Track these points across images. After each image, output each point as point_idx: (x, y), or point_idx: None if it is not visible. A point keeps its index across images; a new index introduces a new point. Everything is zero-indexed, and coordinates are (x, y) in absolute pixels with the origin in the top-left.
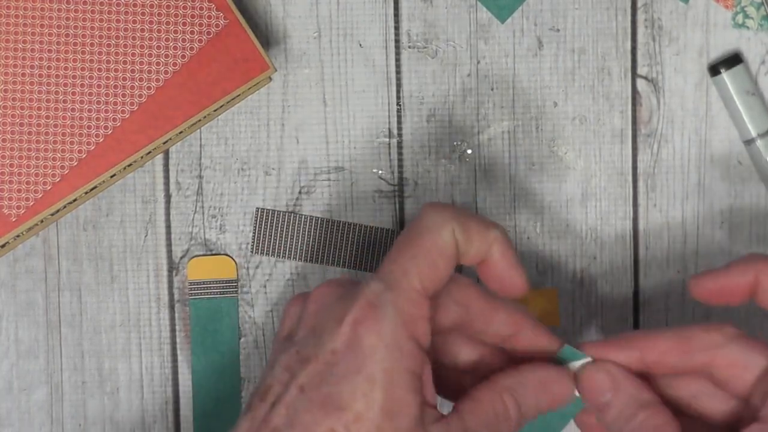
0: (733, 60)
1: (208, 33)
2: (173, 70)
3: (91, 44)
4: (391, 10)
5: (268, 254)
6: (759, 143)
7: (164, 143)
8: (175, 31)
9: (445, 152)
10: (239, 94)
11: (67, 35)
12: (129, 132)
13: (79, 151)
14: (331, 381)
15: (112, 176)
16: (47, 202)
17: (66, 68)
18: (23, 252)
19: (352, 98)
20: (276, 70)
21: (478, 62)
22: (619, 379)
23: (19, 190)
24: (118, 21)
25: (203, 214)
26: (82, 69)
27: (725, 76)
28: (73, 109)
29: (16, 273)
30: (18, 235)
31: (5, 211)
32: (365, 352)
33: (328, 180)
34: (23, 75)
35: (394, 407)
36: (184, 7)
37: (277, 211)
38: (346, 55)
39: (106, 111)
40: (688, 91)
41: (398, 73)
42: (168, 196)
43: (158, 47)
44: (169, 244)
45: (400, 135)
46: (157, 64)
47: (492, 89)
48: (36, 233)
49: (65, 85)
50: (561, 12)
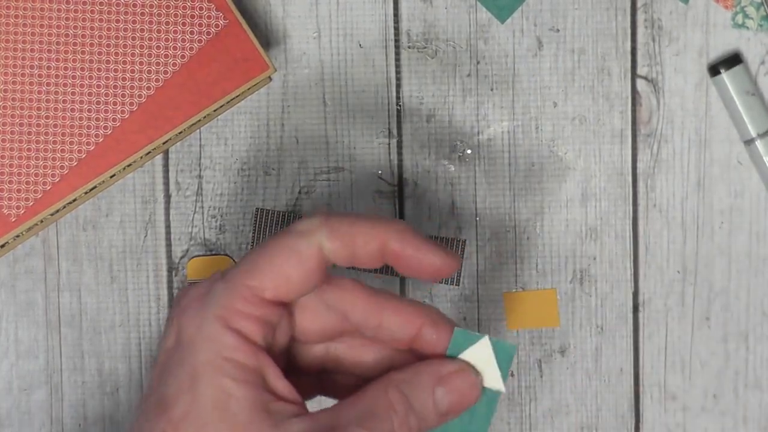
0: (733, 60)
1: (208, 33)
2: (173, 70)
3: (91, 44)
4: (391, 10)
5: None
6: (759, 143)
7: (164, 143)
8: (175, 31)
9: (445, 152)
10: (239, 94)
11: (67, 35)
12: (129, 132)
13: (79, 151)
14: (163, 380)
15: (111, 176)
16: (47, 202)
17: (66, 68)
18: (23, 252)
19: (352, 98)
20: (276, 70)
21: (478, 62)
22: None
23: (19, 190)
24: (118, 21)
25: (203, 214)
26: (82, 69)
27: (725, 76)
28: (73, 109)
29: (16, 273)
30: (18, 235)
31: (5, 211)
32: (185, 345)
33: (328, 180)
34: (23, 75)
35: (223, 400)
36: (184, 7)
37: (277, 211)
38: (346, 55)
39: (106, 111)
40: (688, 91)
41: (398, 73)
42: (168, 196)
43: (158, 47)
44: (169, 245)
45: (400, 135)
46: (157, 64)
47: (492, 89)
48: (36, 233)
49: (65, 85)
50: (561, 12)
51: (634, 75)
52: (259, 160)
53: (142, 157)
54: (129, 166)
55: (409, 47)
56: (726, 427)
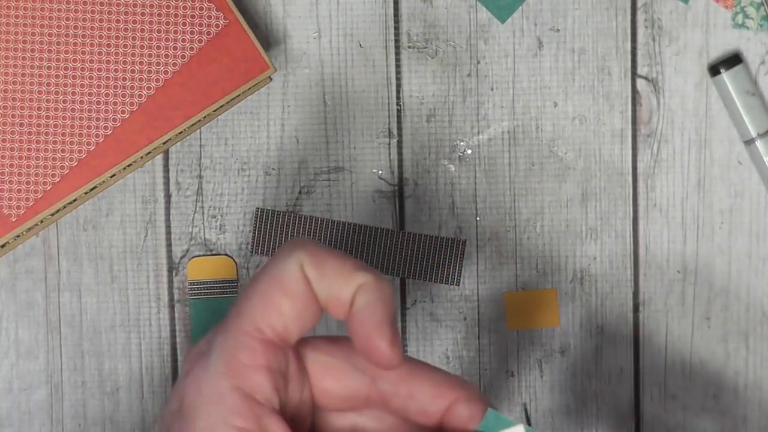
0: (733, 60)
1: (208, 33)
2: (173, 70)
3: (91, 44)
4: (391, 10)
5: (268, 254)
6: (759, 143)
7: (164, 143)
8: (175, 31)
9: (445, 152)
10: (239, 94)
11: (67, 35)
12: (129, 132)
13: (79, 151)
14: None
15: (112, 176)
16: (47, 202)
17: (66, 68)
18: (23, 252)
19: (352, 98)
20: (276, 70)
21: (478, 62)
22: None
23: (19, 190)
24: (118, 21)
25: (203, 214)
26: (82, 69)
27: (725, 76)
28: (73, 109)
29: (16, 273)
30: (18, 235)
31: (5, 211)
32: (187, 410)
33: (328, 180)
34: (23, 75)
35: None
36: (184, 7)
37: (277, 211)
38: (346, 55)
39: (106, 111)
40: (688, 91)
41: (398, 73)
42: (168, 196)
43: (158, 47)
44: (169, 244)
45: (400, 135)
46: (157, 64)
47: (492, 89)
48: (36, 233)
49: (65, 85)
50: (561, 12)
51: (634, 75)
52: (259, 160)
53: (142, 157)
54: (129, 166)
55: (409, 47)
56: (726, 427)
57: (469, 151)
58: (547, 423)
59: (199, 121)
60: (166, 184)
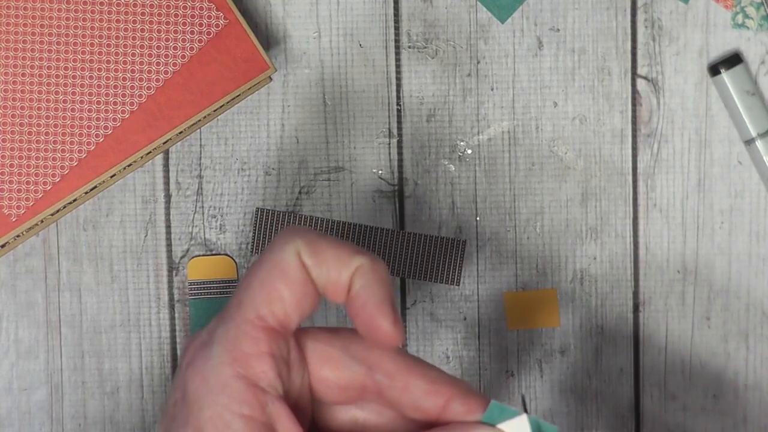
0: (733, 60)
1: (208, 33)
2: (173, 70)
3: (91, 44)
4: (391, 10)
5: None
6: (759, 143)
7: (164, 143)
8: (175, 31)
9: (445, 152)
10: (239, 94)
11: (67, 35)
12: (129, 132)
13: (79, 151)
14: None
15: (112, 176)
16: (47, 202)
17: (66, 68)
18: (23, 252)
19: (352, 98)
20: (276, 70)
21: (478, 62)
22: None
23: (19, 190)
24: (118, 21)
25: (203, 214)
26: (82, 69)
27: (725, 76)
28: (73, 109)
29: (16, 273)
30: (18, 235)
31: (5, 211)
32: (191, 400)
33: (328, 180)
34: (23, 75)
35: None
36: (184, 7)
37: (277, 211)
38: (346, 55)
39: (106, 111)
40: (688, 91)
41: (398, 73)
42: (168, 196)
43: (158, 47)
44: (169, 244)
45: (400, 135)
46: (157, 64)
47: (492, 89)
48: (36, 233)
49: (65, 85)
50: (561, 12)
51: (634, 75)
52: (259, 160)
53: (142, 157)
54: (129, 165)
55: (409, 47)
56: (726, 427)
57: (469, 151)
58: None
59: (199, 121)
60: (166, 184)
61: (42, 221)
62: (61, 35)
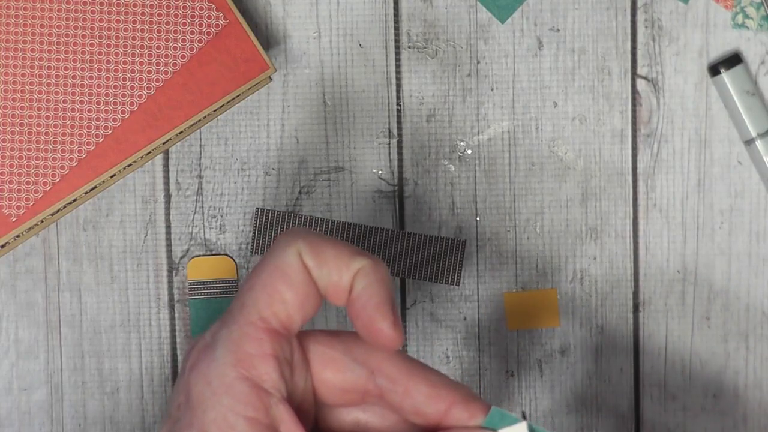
0: (733, 60)
1: (208, 33)
2: (173, 70)
3: (91, 44)
4: (391, 10)
5: None
6: (759, 143)
7: (164, 143)
8: (175, 31)
9: (445, 152)
10: (239, 94)
11: (67, 35)
12: (129, 132)
13: (79, 151)
14: None
15: (112, 176)
16: (47, 202)
17: (66, 68)
18: (23, 252)
19: (352, 98)
20: (276, 70)
21: (478, 62)
22: None
23: (19, 190)
24: (118, 21)
25: (203, 214)
26: (82, 69)
27: (725, 76)
28: (73, 109)
29: (16, 273)
30: (18, 235)
31: (5, 211)
32: (195, 402)
33: (328, 180)
34: (23, 75)
35: None
36: (184, 7)
37: (277, 211)
38: (346, 55)
39: (106, 111)
40: (688, 91)
41: (398, 73)
42: (168, 196)
43: (158, 47)
44: (169, 244)
45: (400, 135)
46: (157, 64)
47: (492, 89)
48: (36, 233)
49: (65, 85)
50: (561, 12)
51: (634, 75)
52: (259, 160)
53: (142, 157)
54: (129, 166)
55: (409, 47)
56: (726, 427)
57: (469, 151)
58: (547, 423)
59: (199, 121)
60: (166, 184)
61: (42, 221)
62: (61, 35)
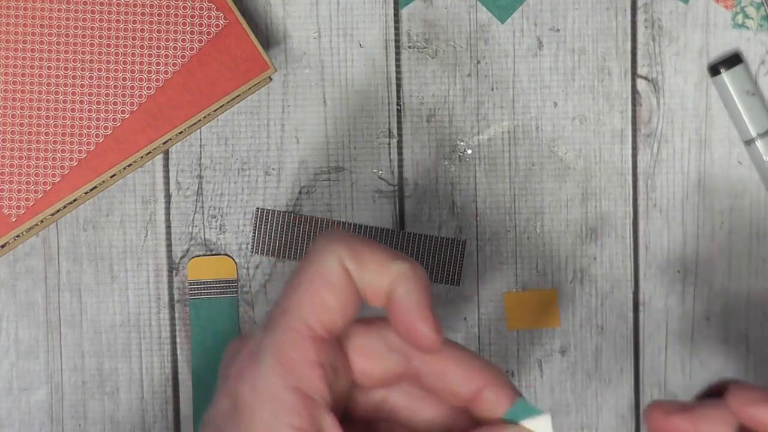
0: (733, 60)
1: (208, 33)
2: (173, 70)
3: (91, 44)
4: (391, 10)
5: (268, 254)
6: (759, 143)
7: (164, 143)
8: (175, 31)
9: (445, 152)
10: (239, 94)
11: (67, 35)
12: (129, 132)
13: (79, 151)
14: None
15: (112, 176)
16: (47, 202)
17: (66, 68)
18: (23, 252)
19: (352, 98)
20: (276, 70)
21: (478, 62)
22: None
23: (19, 190)
24: (118, 21)
25: (203, 214)
26: (82, 69)
27: (725, 76)
28: (73, 109)
29: (16, 273)
30: (18, 235)
31: (5, 211)
32: (242, 411)
33: (328, 180)
34: (23, 75)
35: None
36: (184, 7)
37: (277, 211)
38: (346, 55)
39: (106, 111)
40: (688, 91)
41: (398, 73)
42: (168, 196)
43: (158, 47)
44: (169, 244)
45: (400, 135)
46: (157, 64)
47: (492, 89)
48: (36, 233)
49: (65, 85)
50: (561, 12)
51: (634, 75)
52: (259, 160)
53: (142, 157)
54: (129, 165)
55: (409, 47)
56: None
57: (469, 151)
58: None
59: (199, 121)
60: (166, 184)
61: (42, 221)
62: (61, 35)
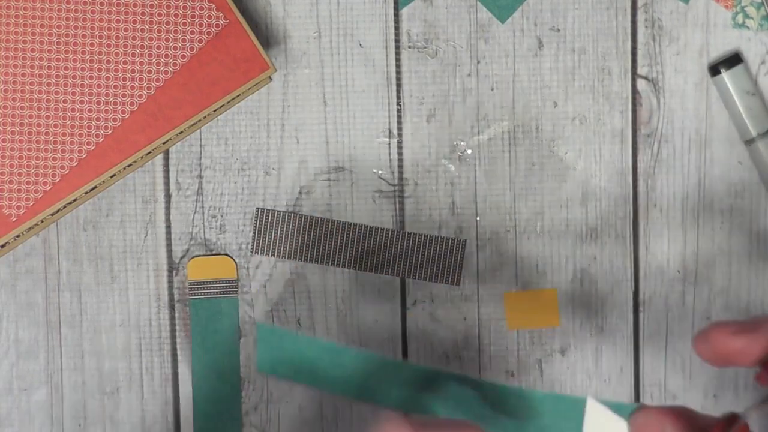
0: (733, 60)
1: (208, 33)
2: (173, 70)
3: (91, 44)
4: (391, 10)
5: (268, 254)
6: (759, 143)
7: (164, 143)
8: (175, 31)
9: (445, 152)
10: (239, 94)
11: (67, 35)
12: (129, 132)
13: (79, 151)
14: None
15: (112, 176)
16: (47, 202)
17: (66, 68)
18: (23, 252)
19: (352, 98)
20: (276, 70)
21: (478, 62)
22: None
23: (19, 190)
24: (118, 21)
25: (203, 214)
26: (82, 69)
27: (725, 76)
28: (73, 109)
29: (16, 273)
30: (18, 235)
31: (5, 211)
32: None
33: (328, 180)
34: (23, 75)
35: None
36: (184, 7)
37: (277, 211)
38: (346, 55)
39: (107, 111)
40: (688, 91)
41: (398, 73)
42: (168, 196)
43: (158, 47)
44: (169, 244)
45: (400, 135)
46: (157, 64)
47: (492, 89)
48: (36, 233)
49: (65, 85)
50: (561, 12)
51: (635, 75)
52: (259, 160)
53: (142, 157)
54: (129, 165)
55: (409, 47)
56: None
57: (469, 151)
58: None
59: (199, 121)
60: (166, 184)
61: (42, 221)
62: (61, 35)
